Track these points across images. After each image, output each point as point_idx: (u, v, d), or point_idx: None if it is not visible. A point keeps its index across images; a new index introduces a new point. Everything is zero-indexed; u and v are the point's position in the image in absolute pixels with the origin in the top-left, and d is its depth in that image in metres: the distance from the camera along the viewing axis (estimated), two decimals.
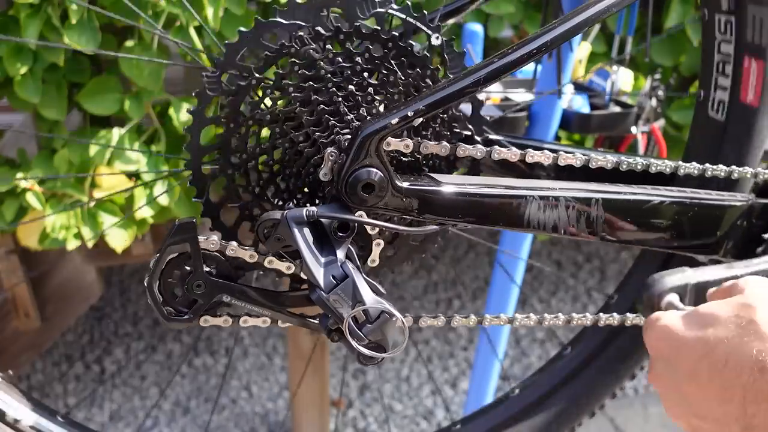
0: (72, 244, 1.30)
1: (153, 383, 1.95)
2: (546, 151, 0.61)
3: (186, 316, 0.58)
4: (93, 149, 1.23)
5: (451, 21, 0.85)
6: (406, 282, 2.31)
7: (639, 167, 0.64)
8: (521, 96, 1.25)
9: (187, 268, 0.56)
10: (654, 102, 1.29)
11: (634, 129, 1.26)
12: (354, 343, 0.52)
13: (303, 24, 0.60)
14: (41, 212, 1.27)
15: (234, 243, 0.58)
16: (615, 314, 0.71)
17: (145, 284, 0.57)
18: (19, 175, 1.25)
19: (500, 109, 1.19)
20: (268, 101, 0.59)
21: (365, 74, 0.60)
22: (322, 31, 0.59)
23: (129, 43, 1.20)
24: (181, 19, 1.14)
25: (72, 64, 1.24)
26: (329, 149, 0.55)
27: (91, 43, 1.13)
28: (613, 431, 1.79)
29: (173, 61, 1.31)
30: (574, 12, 0.56)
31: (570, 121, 1.25)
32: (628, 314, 0.72)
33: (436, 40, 0.62)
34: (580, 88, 1.31)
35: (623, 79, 1.30)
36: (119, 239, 1.33)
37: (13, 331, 1.66)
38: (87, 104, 1.23)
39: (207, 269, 0.57)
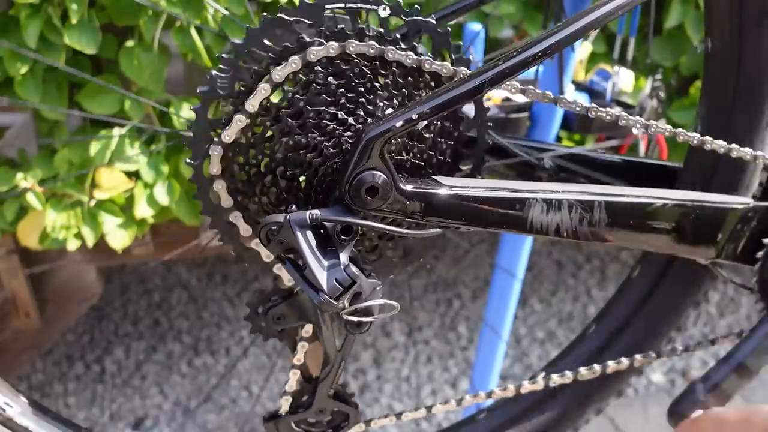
0: (72, 244, 1.30)
1: (153, 383, 1.95)
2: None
3: None
4: (93, 149, 1.23)
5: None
6: (406, 282, 2.30)
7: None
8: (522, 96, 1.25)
9: None
10: (655, 102, 1.29)
11: (635, 129, 1.26)
12: (347, 318, 0.53)
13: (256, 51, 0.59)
14: (41, 212, 1.27)
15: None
16: (610, 362, 0.75)
17: None
18: (20, 175, 1.25)
19: (501, 110, 1.19)
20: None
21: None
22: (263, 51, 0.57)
23: (129, 43, 1.20)
24: (182, 19, 1.14)
25: (72, 64, 1.23)
26: (237, 115, 0.55)
27: (92, 43, 1.12)
28: (613, 431, 1.79)
29: (177, 62, 1.30)
30: (580, 14, 0.56)
31: (571, 122, 1.25)
32: (623, 359, 0.75)
33: (384, 12, 0.59)
34: (580, 88, 1.31)
35: (624, 79, 1.30)
36: (119, 239, 1.33)
37: (13, 330, 1.66)
38: (87, 104, 1.22)
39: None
